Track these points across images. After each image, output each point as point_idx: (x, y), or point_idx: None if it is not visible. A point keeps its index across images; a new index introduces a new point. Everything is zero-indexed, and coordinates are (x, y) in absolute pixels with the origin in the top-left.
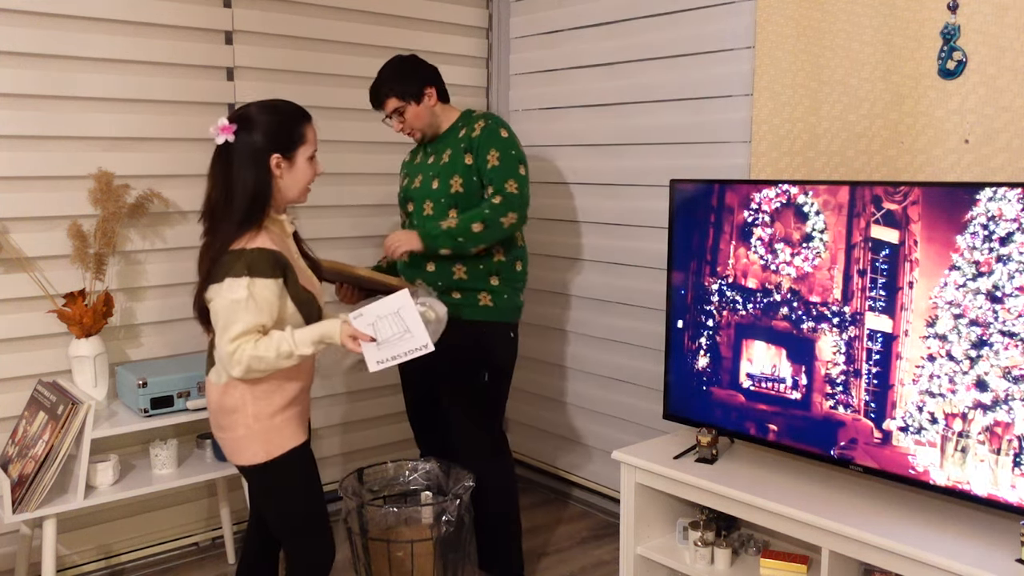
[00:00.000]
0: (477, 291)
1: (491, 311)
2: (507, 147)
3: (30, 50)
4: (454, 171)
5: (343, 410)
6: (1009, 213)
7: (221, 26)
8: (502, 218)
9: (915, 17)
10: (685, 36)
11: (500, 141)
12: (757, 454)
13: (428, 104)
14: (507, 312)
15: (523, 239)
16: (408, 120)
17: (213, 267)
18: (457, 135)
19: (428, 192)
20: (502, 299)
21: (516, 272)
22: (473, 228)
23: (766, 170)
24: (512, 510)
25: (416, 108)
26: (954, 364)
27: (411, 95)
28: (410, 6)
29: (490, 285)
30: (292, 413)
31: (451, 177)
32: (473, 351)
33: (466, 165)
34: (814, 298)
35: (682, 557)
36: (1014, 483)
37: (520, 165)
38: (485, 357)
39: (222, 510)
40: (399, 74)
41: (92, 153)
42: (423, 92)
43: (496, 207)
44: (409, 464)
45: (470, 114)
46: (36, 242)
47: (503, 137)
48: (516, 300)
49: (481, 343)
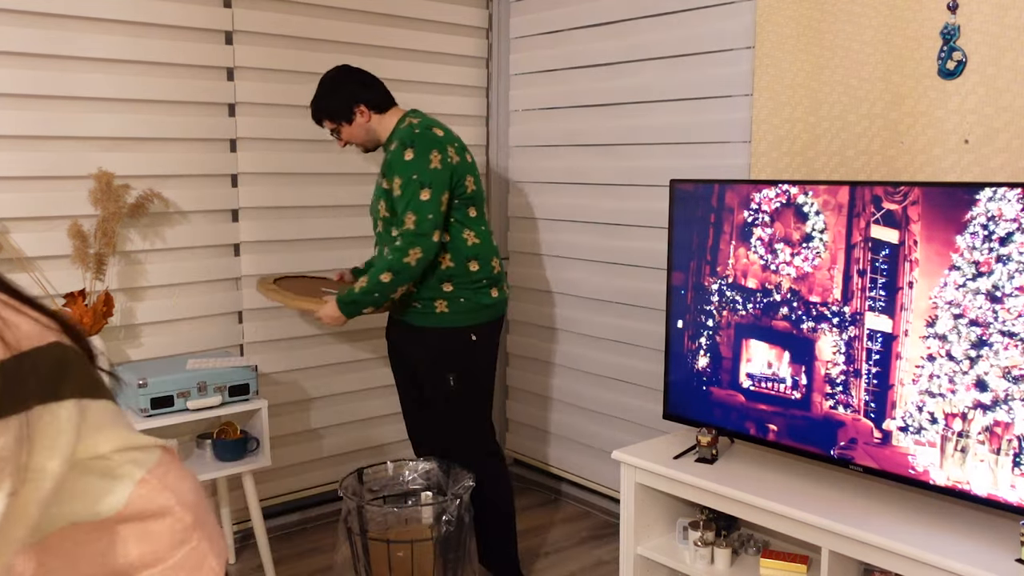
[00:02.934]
0: (432, 300)
1: (445, 317)
2: (408, 172)
3: (30, 50)
4: (380, 195)
5: (343, 410)
6: (1009, 213)
7: (221, 26)
8: (405, 259)
9: (915, 17)
10: (685, 36)
11: (402, 166)
12: (757, 454)
13: (360, 122)
14: (464, 316)
15: (477, 236)
16: (344, 138)
17: None
18: (387, 150)
19: (374, 210)
20: (458, 303)
21: (472, 272)
22: (382, 279)
23: (766, 170)
24: (506, 510)
25: (349, 128)
26: (954, 364)
27: (341, 115)
28: (410, 6)
29: (444, 292)
30: None
31: (379, 201)
32: (435, 358)
33: (384, 189)
34: (814, 298)
35: (682, 557)
36: (1014, 483)
37: (423, 190)
38: (447, 363)
39: (222, 510)
40: (327, 95)
41: (92, 153)
42: (352, 111)
43: (397, 249)
44: (409, 464)
45: (400, 124)
46: (36, 242)
47: (406, 161)
48: (480, 300)
49: (440, 350)
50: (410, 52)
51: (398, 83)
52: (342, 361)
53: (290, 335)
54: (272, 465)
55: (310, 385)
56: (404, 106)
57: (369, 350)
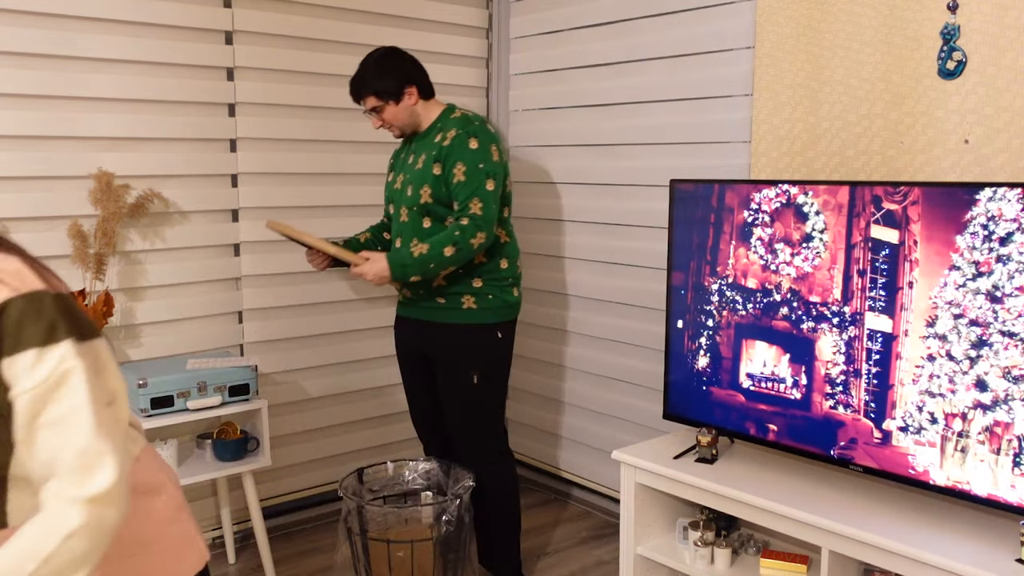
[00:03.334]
0: (460, 295)
1: (473, 314)
2: (475, 160)
3: (30, 50)
4: (424, 180)
5: (343, 410)
6: (1009, 213)
7: (221, 26)
8: (471, 239)
9: (915, 17)
10: (685, 36)
11: (468, 154)
12: (757, 454)
13: (407, 103)
14: (491, 313)
15: (508, 235)
16: (386, 119)
17: None
18: (433, 138)
19: (403, 198)
20: (486, 300)
21: (502, 270)
22: (445, 252)
23: (766, 170)
24: (513, 510)
25: (394, 108)
26: (954, 364)
27: (390, 94)
28: (410, 6)
29: (473, 288)
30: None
31: (421, 187)
32: (459, 355)
33: (435, 175)
34: (814, 298)
35: (682, 557)
36: (1014, 483)
37: (488, 180)
38: (472, 360)
39: (222, 510)
40: (379, 71)
41: (92, 153)
42: (403, 91)
43: (466, 228)
44: (409, 464)
45: (449, 114)
46: (36, 242)
47: (472, 149)
48: (505, 298)
49: (466, 346)
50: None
51: None
52: (342, 361)
53: (290, 335)
54: (272, 465)
55: (310, 385)
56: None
57: (369, 350)
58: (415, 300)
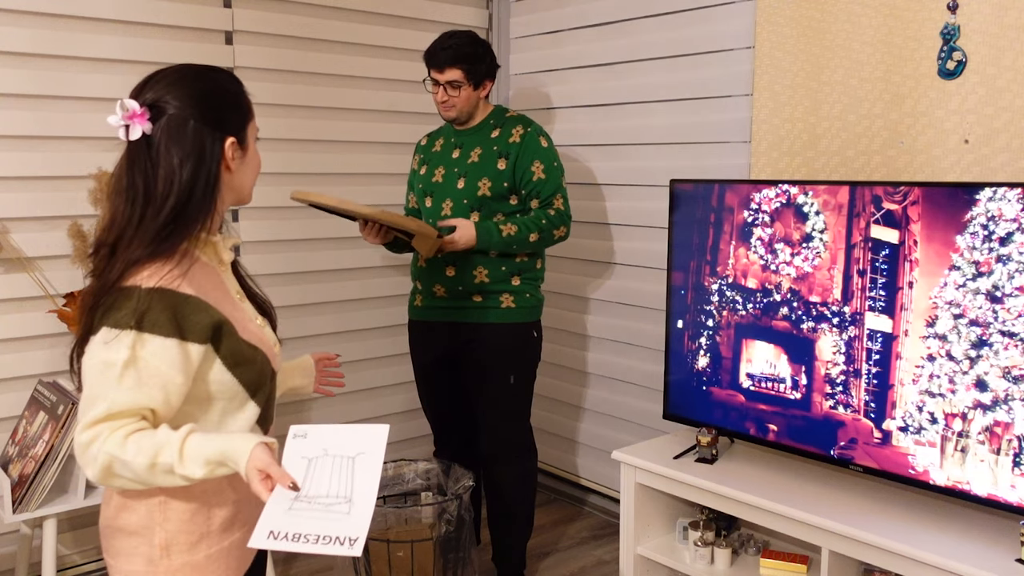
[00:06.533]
0: (499, 293)
1: (512, 313)
2: (550, 159)
3: (30, 50)
4: (483, 173)
5: (343, 410)
6: (1009, 213)
7: (221, 26)
8: (555, 231)
9: (915, 17)
10: (685, 36)
11: (543, 152)
12: (757, 454)
13: (480, 94)
14: (528, 311)
15: None
16: (458, 96)
17: (94, 310)
18: (489, 134)
19: (452, 190)
20: (524, 299)
21: (537, 270)
22: (530, 238)
23: (766, 170)
24: (530, 511)
25: (469, 91)
26: (954, 364)
27: (478, 76)
28: (410, 6)
29: (511, 286)
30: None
31: (479, 179)
32: (500, 355)
33: (499, 170)
34: (814, 298)
35: (682, 557)
36: (1014, 483)
37: (563, 178)
38: (512, 360)
39: None
40: (475, 52)
41: (92, 153)
42: (484, 81)
43: (552, 219)
44: (409, 464)
45: (502, 113)
46: (36, 242)
47: (544, 148)
48: (537, 296)
49: (507, 347)
50: (410, 52)
51: (398, 83)
52: (342, 361)
53: (290, 335)
54: None
55: None
56: (404, 106)
57: (369, 350)
58: (441, 302)
